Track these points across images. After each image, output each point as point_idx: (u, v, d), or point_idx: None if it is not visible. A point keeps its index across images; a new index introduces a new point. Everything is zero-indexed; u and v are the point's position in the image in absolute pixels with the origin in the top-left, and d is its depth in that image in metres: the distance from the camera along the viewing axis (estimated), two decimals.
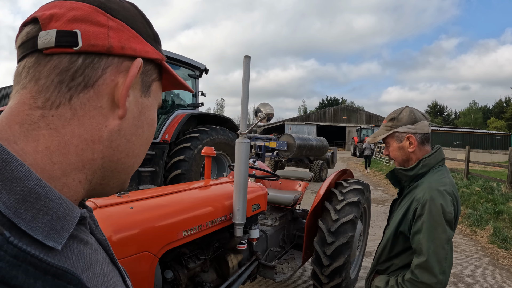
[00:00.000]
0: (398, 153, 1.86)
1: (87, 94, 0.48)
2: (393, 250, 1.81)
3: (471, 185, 10.90)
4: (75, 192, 0.48)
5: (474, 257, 5.82)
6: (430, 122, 1.87)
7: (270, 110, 2.31)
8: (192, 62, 7.67)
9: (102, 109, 0.50)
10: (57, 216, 0.41)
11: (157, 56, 0.57)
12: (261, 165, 4.52)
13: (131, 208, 1.91)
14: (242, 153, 2.35)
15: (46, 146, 0.45)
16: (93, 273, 0.46)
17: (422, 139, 1.81)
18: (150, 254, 1.80)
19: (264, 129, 49.33)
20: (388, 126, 1.88)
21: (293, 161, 15.01)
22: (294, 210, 4.27)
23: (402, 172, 1.85)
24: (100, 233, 0.57)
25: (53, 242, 0.40)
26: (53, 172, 0.45)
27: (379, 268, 1.92)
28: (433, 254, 1.56)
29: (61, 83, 0.46)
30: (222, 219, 2.43)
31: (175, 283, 2.15)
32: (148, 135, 0.59)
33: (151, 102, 0.59)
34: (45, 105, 0.46)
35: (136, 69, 0.51)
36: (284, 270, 3.50)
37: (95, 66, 0.48)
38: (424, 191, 1.67)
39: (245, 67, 2.28)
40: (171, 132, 6.92)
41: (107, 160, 0.52)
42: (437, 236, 1.57)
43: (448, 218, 1.59)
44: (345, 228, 3.30)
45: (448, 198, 1.62)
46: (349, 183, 3.78)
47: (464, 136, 34.60)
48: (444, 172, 1.78)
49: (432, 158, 1.78)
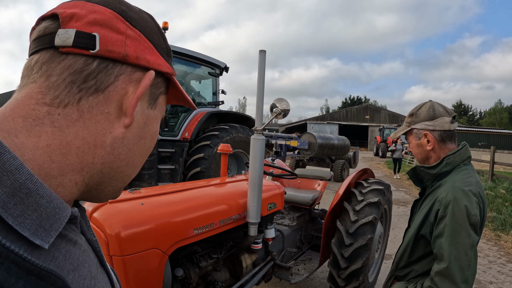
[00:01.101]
0: (417, 150, 1.76)
1: (97, 98, 0.48)
2: (413, 255, 1.70)
3: (496, 187, 10.56)
4: (70, 193, 0.47)
5: (497, 263, 5.59)
6: (453, 117, 1.74)
7: (286, 106, 2.23)
8: (212, 60, 7.67)
9: (109, 115, 0.50)
10: (47, 213, 0.40)
11: (168, 70, 0.57)
12: (280, 163, 4.46)
13: (142, 204, 1.88)
14: (257, 150, 2.29)
15: (47, 144, 0.44)
16: (80, 275, 0.45)
17: (441, 136, 1.69)
18: (159, 251, 1.77)
19: (286, 128, 49.17)
20: (407, 122, 1.79)
21: (314, 160, 14.84)
22: (313, 210, 4.18)
23: (424, 170, 1.74)
24: (91, 234, 0.55)
25: (40, 240, 0.38)
26: (51, 171, 0.44)
27: (398, 274, 1.81)
28: (455, 260, 1.45)
29: (72, 83, 0.46)
30: (236, 218, 2.38)
31: (185, 282, 2.11)
32: (149, 146, 0.59)
33: (156, 114, 0.59)
34: (53, 102, 0.46)
35: (148, 81, 0.52)
36: (300, 271, 3.42)
37: (109, 72, 0.48)
38: (447, 191, 1.55)
39: (261, 62, 2.21)
40: (191, 130, 6.95)
41: (107, 167, 0.51)
42: (460, 241, 1.45)
43: (473, 221, 1.47)
44: (364, 229, 3.20)
45: (473, 199, 1.50)
46: (370, 183, 3.66)
47: (489, 136, 33.61)
48: (470, 171, 1.65)
49: (457, 156, 1.66)
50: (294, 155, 13.92)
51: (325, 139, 13.15)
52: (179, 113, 7.41)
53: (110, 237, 1.64)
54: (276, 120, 2.28)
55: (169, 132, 7.01)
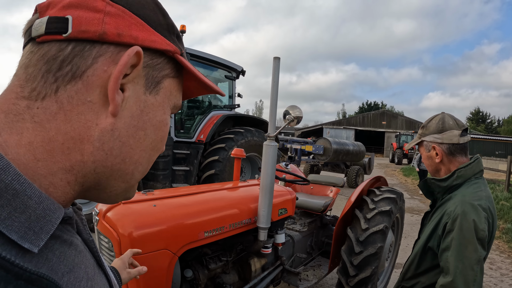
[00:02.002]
0: (428, 162, 1.77)
1: (75, 86, 0.44)
2: (420, 267, 1.70)
3: (511, 198, 10.27)
4: (64, 193, 0.44)
5: (509, 276, 5.46)
6: (465, 130, 1.73)
7: (299, 113, 2.26)
8: (229, 63, 7.75)
9: (92, 104, 0.44)
10: (36, 215, 0.38)
11: (167, 47, 0.51)
12: (293, 169, 4.47)
13: (154, 206, 1.93)
14: (270, 156, 2.32)
15: (29, 141, 0.41)
16: (75, 277, 0.43)
17: (450, 150, 1.69)
18: (169, 252, 1.81)
19: (302, 133, 49.00)
20: (419, 134, 1.81)
21: (329, 166, 14.77)
22: (324, 216, 4.18)
23: (435, 182, 1.74)
24: (87, 233, 0.53)
25: (29, 244, 0.36)
26: (37, 170, 0.41)
27: (405, 285, 1.81)
28: (460, 275, 1.44)
29: (48, 72, 0.43)
30: (246, 222, 2.41)
31: (194, 283, 2.15)
32: (154, 139, 0.53)
33: (159, 101, 0.52)
34: (30, 95, 0.43)
35: (127, 57, 0.45)
36: (309, 277, 3.43)
37: (85, 54, 0.44)
38: (456, 205, 1.55)
39: (275, 69, 2.25)
40: (206, 133, 7.03)
41: (100, 165, 0.47)
42: (467, 256, 1.45)
43: (481, 236, 1.46)
44: (374, 238, 3.18)
45: (482, 214, 1.49)
46: (382, 191, 3.64)
47: (507, 145, 32.71)
48: (481, 185, 1.64)
49: (469, 169, 1.66)
50: (309, 160, 13.87)
51: (340, 145, 13.07)
52: (195, 116, 7.51)
53: (123, 237, 1.69)
54: (288, 126, 2.31)
55: (184, 134, 7.10)
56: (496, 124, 75.65)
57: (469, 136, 1.74)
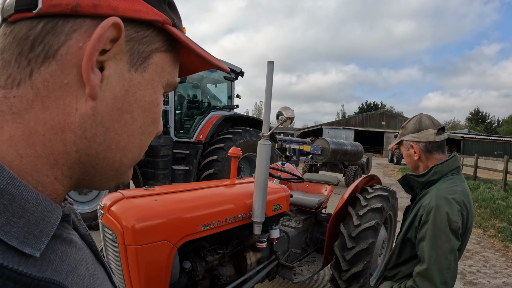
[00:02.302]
0: (408, 160, 1.90)
1: (49, 68, 0.39)
2: (400, 257, 1.83)
3: (508, 197, 10.38)
4: (53, 190, 0.42)
5: (503, 274, 5.58)
6: (441, 129, 1.85)
7: (291, 114, 2.39)
8: (228, 65, 7.88)
9: (69, 87, 0.40)
10: (35, 218, 0.37)
11: (153, 17, 0.45)
12: (290, 168, 4.60)
13: (155, 200, 2.07)
14: (263, 154, 2.45)
15: (10, 135, 0.38)
16: (78, 275, 0.42)
17: (427, 147, 1.82)
18: (168, 243, 1.94)
19: (302, 133, 49.15)
20: (400, 134, 1.94)
21: (327, 166, 14.91)
22: (319, 214, 4.31)
23: (413, 178, 1.87)
24: (83, 228, 0.51)
25: (30, 249, 0.35)
26: (22, 167, 0.38)
27: (387, 275, 1.94)
28: (435, 263, 1.56)
29: (20, 55, 0.39)
30: (242, 217, 2.54)
31: (192, 274, 2.28)
32: (143, 122, 0.48)
33: (148, 79, 0.47)
34: (6, 83, 0.39)
35: (101, 30, 0.39)
36: (303, 272, 3.56)
37: (58, 31, 0.39)
38: (431, 198, 1.68)
39: (269, 72, 2.38)
40: (205, 133, 7.17)
41: (84, 154, 0.43)
42: (440, 245, 1.57)
43: (454, 227, 1.58)
44: (366, 234, 3.32)
45: (455, 207, 1.61)
46: (375, 189, 3.77)
47: (506, 145, 32.68)
48: (457, 181, 1.77)
49: (445, 166, 1.78)
50: (308, 160, 14.01)
51: (338, 145, 13.21)
52: (194, 116, 7.65)
53: (126, 229, 1.82)
54: (281, 126, 2.44)
55: (184, 134, 7.24)
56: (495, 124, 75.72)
57: (446, 135, 1.87)
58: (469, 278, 5.23)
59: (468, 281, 5.09)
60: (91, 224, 5.93)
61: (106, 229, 1.96)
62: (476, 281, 5.13)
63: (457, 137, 33.45)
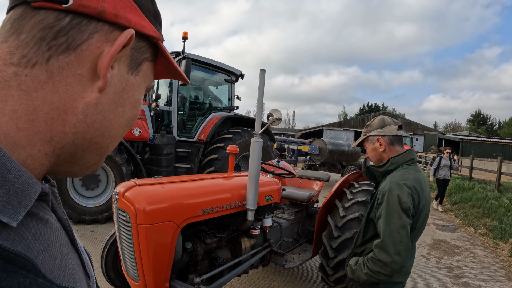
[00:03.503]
0: (372, 153, 2.21)
1: (68, 58, 0.44)
2: (366, 235, 2.14)
3: (501, 197, 10.59)
4: (40, 165, 0.44)
5: (490, 269, 5.81)
6: (400, 126, 2.18)
7: (280, 115, 2.75)
8: (228, 68, 8.23)
9: (81, 78, 0.45)
10: (15, 189, 0.38)
11: (153, 33, 0.53)
12: (284, 165, 4.95)
13: (163, 188, 2.43)
14: (256, 149, 2.80)
15: (13, 109, 0.41)
16: (50, 255, 0.42)
17: (391, 140, 2.14)
18: (173, 224, 2.30)
19: (303, 134, 49.39)
20: (364, 132, 2.25)
21: (326, 166, 15.23)
22: (310, 207, 4.65)
23: (374, 168, 2.19)
24: (61, 211, 0.52)
25: (7, 218, 0.36)
26: (18, 140, 0.41)
27: (356, 251, 2.24)
28: (389, 236, 1.86)
29: (42, 40, 0.43)
30: (237, 205, 2.89)
31: (193, 253, 2.64)
32: (129, 116, 0.55)
33: (138, 81, 0.55)
34: (20, 62, 0.42)
35: (124, 38, 0.47)
36: (294, 259, 3.90)
37: (82, 28, 0.45)
38: (386, 184, 1.99)
39: (261, 79, 2.73)
40: (206, 133, 7.52)
41: (80, 137, 0.47)
42: (393, 222, 1.87)
43: (404, 207, 1.88)
44: (351, 224, 3.64)
45: (405, 190, 1.90)
46: (361, 184, 4.08)
47: (505, 147, 32.67)
48: (411, 170, 2.05)
49: (400, 158, 2.09)
50: (306, 160, 14.35)
51: (336, 145, 13.53)
52: (196, 117, 7.99)
53: (138, 211, 2.18)
54: (272, 126, 2.79)
55: (186, 134, 7.58)
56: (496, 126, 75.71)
57: (403, 131, 2.21)
58: (456, 272, 5.50)
59: (454, 275, 5.36)
60: (97, 217, 6.28)
61: (120, 212, 2.31)
62: (462, 275, 5.39)
63: (456, 139, 33.60)
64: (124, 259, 2.43)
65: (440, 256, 6.29)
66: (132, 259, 2.29)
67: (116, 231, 2.45)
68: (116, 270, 3.08)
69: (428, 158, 23.62)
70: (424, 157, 24.55)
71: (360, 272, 2.02)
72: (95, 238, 5.51)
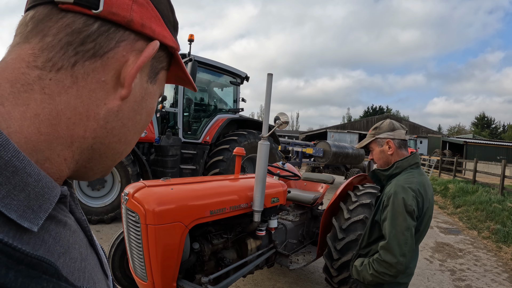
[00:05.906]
0: (380, 156, 2.23)
1: (93, 64, 0.44)
2: (371, 237, 2.18)
3: (504, 201, 10.53)
4: (58, 170, 0.44)
5: (492, 272, 5.81)
6: (406, 131, 2.23)
7: (287, 119, 2.79)
8: (234, 70, 8.29)
9: (105, 85, 0.46)
10: (35, 193, 0.37)
11: (173, 44, 0.54)
12: (289, 167, 4.99)
13: (172, 189, 2.48)
14: (263, 152, 2.84)
15: (36, 113, 0.40)
16: (70, 258, 0.42)
17: (399, 144, 2.18)
18: (182, 225, 2.35)
19: (307, 136, 49.37)
20: (372, 134, 2.28)
21: (330, 168, 15.23)
22: (315, 209, 4.68)
23: (380, 172, 2.23)
24: (79, 212, 0.52)
25: (28, 223, 0.36)
26: (38, 144, 0.41)
27: (361, 253, 2.28)
28: (394, 238, 1.91)
29: (69, 44, 0.42)
30: (244, 206, 2.94)
31: (200, 254, 2.69)
32: (144, 124, 0.55)
33: (155, 90, 0.55)
34: (45, 65, 0.42)
35: (152, 51, 0.48)
36: (299, 260, 3.93)
37: (110, 36, 0.45)
38: (391, 187, 2.03)
39: (268, 83, 2.78)
40: (212, 134, 7.57)
41: (98, 142, 0.48)
42: (398, 224, 1.91)
43: (409, 210, 1.92)
44: (355, 226, 3.67)
45: (410, 193, 1.94)
46: (365, 187, 4.11)
47: (509, 150, 32.30)
48: (415, 174, 2.09)
49: (405, 162, 2.13)
50: (310, 162, 14.36)
51: (340, 148, 13.54)
52: (201, 118, 8.04)
53: (148, 211, 2.22)
54: (278, 128, 2.83)
55: (191, 136, 7.63)
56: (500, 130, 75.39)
57: (408, 136, 2.25)
58: (459, 275, 5.49)
59: (457, 278, 5.35)
60: (103, 218, 6.34)
61: (129, 212, 2.36)
62: (465, 278, 5.38)
63: (460, 142, 33.42)
64: (132, 259, 2.47)
65: (443, 259, 6.29)
66: (140, 259, 2.34)
67: (125, 231, 2.49)
68: (123, 270, 3.13)
69: (432, 161, 23.56)
70: (428, 160, 24.48)
71: (365, 273, 2.06)
72: (100, 238, 5.56)
